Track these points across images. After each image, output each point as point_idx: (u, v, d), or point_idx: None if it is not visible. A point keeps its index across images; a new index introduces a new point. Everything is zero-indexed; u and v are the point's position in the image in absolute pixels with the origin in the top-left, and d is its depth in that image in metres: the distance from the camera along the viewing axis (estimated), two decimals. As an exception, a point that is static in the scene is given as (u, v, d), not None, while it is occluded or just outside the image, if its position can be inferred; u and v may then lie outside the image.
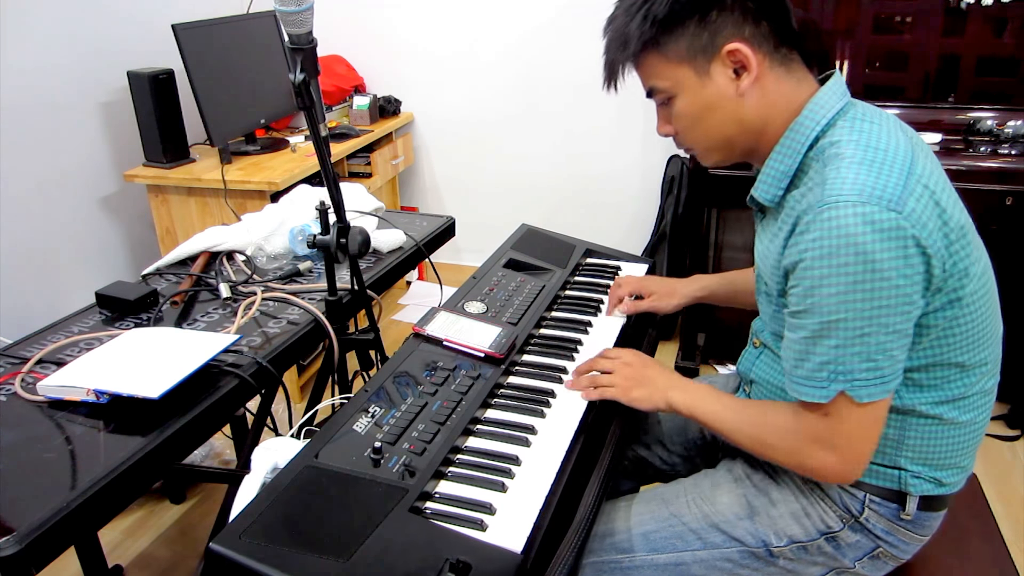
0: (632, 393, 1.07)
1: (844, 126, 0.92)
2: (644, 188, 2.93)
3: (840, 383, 0.86)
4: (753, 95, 0.93)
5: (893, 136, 0.90)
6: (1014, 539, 1.85)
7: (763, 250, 1.00)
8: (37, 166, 2.19)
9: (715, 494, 1.08)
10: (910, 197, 0.83)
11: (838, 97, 0.94)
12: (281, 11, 1.04)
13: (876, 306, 0.82)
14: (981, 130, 2.19)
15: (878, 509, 1.00)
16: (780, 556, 1.03)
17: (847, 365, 0.85)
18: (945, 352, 0.92)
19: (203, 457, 2.08)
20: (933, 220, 0.84)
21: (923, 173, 0.86)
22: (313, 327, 1.32)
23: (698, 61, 0.92)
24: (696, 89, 0.94)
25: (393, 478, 0.90)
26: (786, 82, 0.94)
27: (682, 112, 0.97)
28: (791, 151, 0.94)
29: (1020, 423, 2.29)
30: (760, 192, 0.98)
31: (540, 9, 2.81)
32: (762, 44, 0.92)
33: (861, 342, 0.84)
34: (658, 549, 1.06)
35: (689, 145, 1.02)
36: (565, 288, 1.47)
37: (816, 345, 0.86)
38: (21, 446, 0.99)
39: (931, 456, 0.97)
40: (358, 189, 1.77)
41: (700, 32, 0.91)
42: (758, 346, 1.11)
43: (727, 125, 0.96)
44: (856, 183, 0.83)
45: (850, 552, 1.03)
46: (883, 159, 0.85)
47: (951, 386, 0.94)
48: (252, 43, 2.54)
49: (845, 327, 0.84)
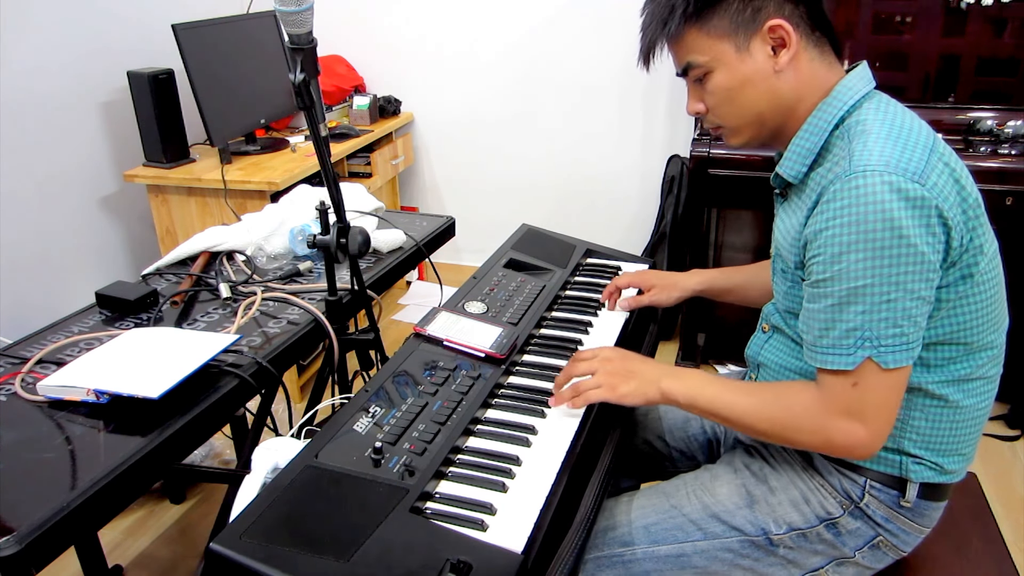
0: (620, 389, 1.02)
1: (870, 107, 0.95)
2: (644, 188, 2.93)
3: (867, 349, 0.87)
4: (789, 73, 0.96)
5: (916, 119, 0.94)
6: (1014, 539, 1.85)
7: (783, 228, 1.02)
8: (37, 166, 2.19)
9: (714, 485, 1.09)
10: (932, 171, 0.86)
11: (865, 83, 0.98)
12: (281, 11, 1.04)
13: (903, 271, 0.84)
14: (981, 130, 2.18)
15: (878, 495, 1.01)
16: (780, 544, 1.03)
17: (874, 331, 0.86)
18: (954, 329, 0.93)
19: (203, 457, 2.08)
20: (953, 196, 0.87)
21: (944, 152, 0.91)
22: (313, 327, 1.32)
23: (739, 36, 0.95)
24: (735, 64, 0.96)
25: (393, 478, 0.90)
26: (820, 64, 0.98)
27: (718, 87, 0.99)
28: (818, 129, 0.97)
29: (1020, 423, 2.29)
30: (785, 169, 1.00)
31: (540, 9, 2.81)
32: (799, 24, 0.95)
33: (888, 307, 0.86)
34: (659, 541, 1.06)
35: (720, 122, 1.03)
36: (565, 288, 1.47)
37: (843, 312, 0.88)
38: (21, 446, 0.99)
39: (934, 440, 0.98)
40: (358, 189, 1.77)
41: (744, 7, 0.94)
42: (767, 331, 1.11)
43: (761, 101, 0.98)
44: (883, 154, 0.86)
45: (850, 540, 1.03)
46: (907, 136, 0.89)
47: (957, 366, 0.96)
48: (252, 43, 2.53)
49: (872, 292, 0.85)
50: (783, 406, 0.95)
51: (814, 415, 0.92)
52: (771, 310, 1.11)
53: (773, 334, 1.10)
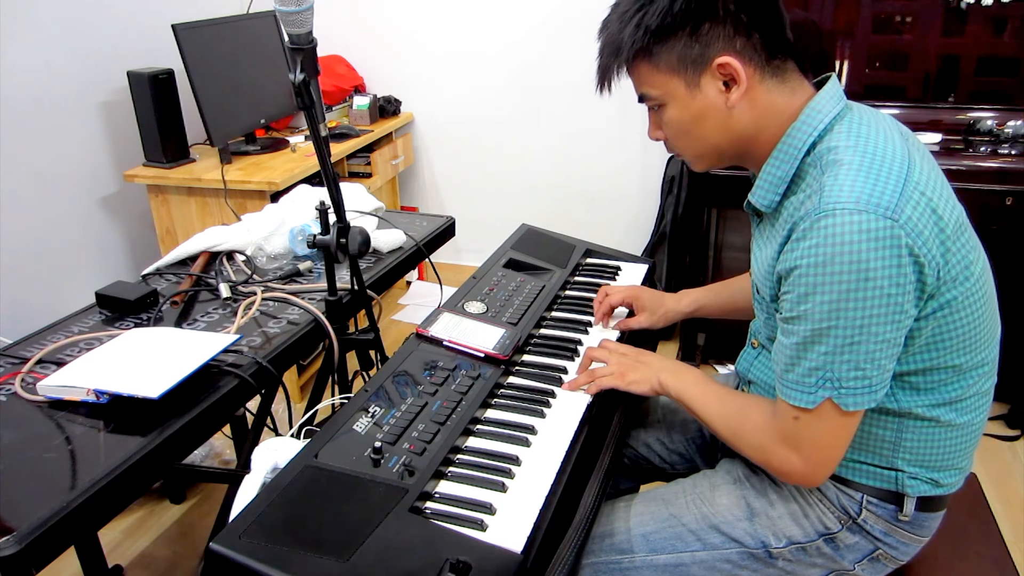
0: (628, 376, 1.09)
1: (841, 131, 0.92)
2: (644, 188, 2.93)
3: (828, 389, 0.87)
4: (743, 107, 0.93)
5: (890, 140, 0.90)
6: (1014, 539, 1.85)
7: (759, 257, 1.01)
8: (37, 166, 2.19)
9: (714, 495, 1.08)
10: (907, 204, 0.83)
11: (835, 102, 0.94)
12: (281, 11, 1.04)
13: (867, 315, 0.83)
14: (981, 130, 2.19)
15: (875, 510, 1.00)
16: (779, 557, 1.03)
17: (836, 372, 0.86)
18: (940, 356, 0.92)
19: (203, 457, 2.08)
20: (929, 228, 0.84)
21: (920, 179, 0.87)
22: (313, 327, 1.32)
23: (688, 73, 0.92)
24: (686, 100, 0.94)
25: (393, 478, 0.90)
26: (778, 93, 0.94)
27: (671, 120, 0.97)
28: (788, 157, 0.94)
29: (1020, 423, 2.29)
30: (757, 198, 0.98)
31: (540, 9, 2.81)
32: (753, 57, 0.91)
33: (850, 350, 0.85)
34: (657, 550, 1.06)
35: (678, 152, 1.03)
36: (565, 288, 1.47)
37: (807, 351, 0.87)
38: (21, 446, 0.99)
39: (928, 458, 0.97)
40: (358, 189, 1.77)
41: (691, 44, 0.91)
42: (756, 347, 1.12)
43: (716, 135, 0.96)
44: (853, 190, 0.83)
45: (849, 554, 1.03)
46: (880, 165, 0.86)
47: (948, 388, 0.94)
48: (252, 43, 2.54)
49: (835, 335, 0.84)
50: (741, 418, 0.99)
51: (760, 434, 0.96)
52: (758, 327, 1.11)
53: (761, 351, 1.10)
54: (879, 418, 0.96)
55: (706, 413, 1.03)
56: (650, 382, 1.08)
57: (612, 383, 1.09)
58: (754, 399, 1.03)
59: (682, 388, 1.05)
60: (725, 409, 1.02)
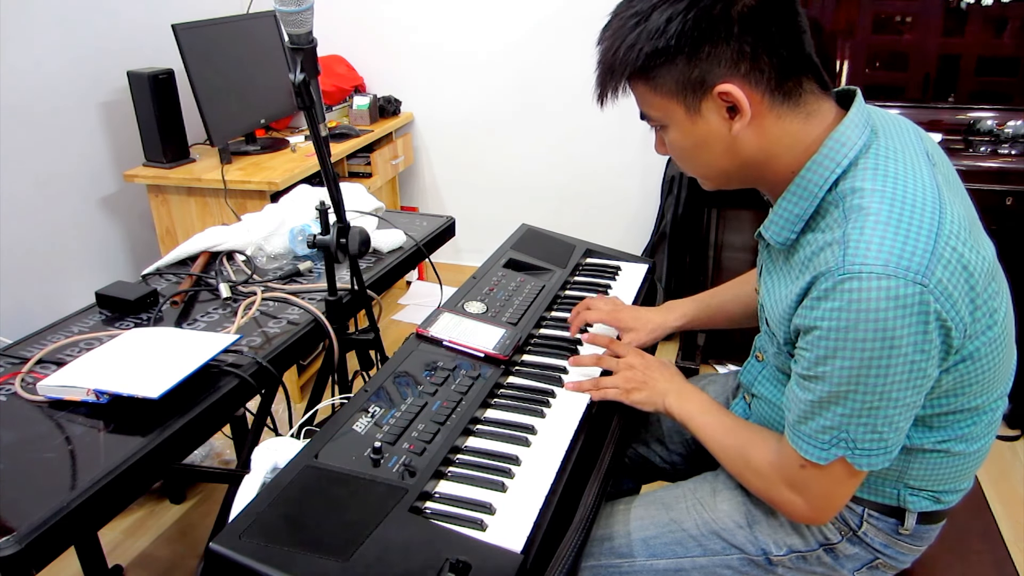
0: (633, 396, 1.10)
1: (867, 167, 0.84)
2: (644, 188, 2.93)
3: (842, 449, 0.85)
4: (749, 135, 0.85)
5: (919, 177, 0.83)
6: (1014, 539, 1.85)
7: (772, 290, 0.94)
8: (37, 166, 2.19)
9: (715, 501, 1.08)
10: (938, 265, 0.77)
11: (859, 131, 0.86)
12: (281, 11, 1.04)
13: (889, 382, 0.79)
14: (981, 130, 2.18)
15: (876, 524, 1.00)
16: (779, 565, 1.03)
17: (851, 434, 0.83)
18: (959, 400, 0.89)
19: (203, 457, 2.08)
20: (959, 288, 0.79)
21: (952, 228, 0.80)
22: (313, 327, 1.32)
23: (688, 98, 0.84)
24: (686, 125, 0.87)
25: (393, 478, 0.90)
26: (791, 119, 0.85)
27: (674, 143, 0.91)
28: (808, 194, 0.86)
29: (1020, 423, 2.29)
30: (772, 234, 0.92)
31: (540, 9, 2.81)
32: (760, 82, 0.82)
33: (869, 414, 0.82)
34: (657, 555, 1.06)
35: (685, 171, 0.97)
36: (565, 288, 1.47)
37: (824, 410, 0.84)
38: (21, 446, 0.99)
39: (934, 480, 0.97)
40: (358, 189, 1.77)
41: (690, 68, 0.82)
42: (761, 360, 1.09)
43: (722, 160, 0.89)
44: (881, 251, 0.77)
45: (848, 563, 1.03)
46: (911, 216, 0.79)
47: (961, 426, 0.93)
48: (252, 43, 2.54)
49: (855, 399, 0.81)
50: (745, 455, 0.98)
51: (765, 474, 0.95)
52: (763, 344, 1.08)
53: (767, 365, 1.07)
54: None
55: (710, 444, 1.02)
56: (654, 404, 1.08)
57: (616, 397, 1.10)
58: (759, 435, 0.99)
59: (687, 416, 1.05)
60: (729, 442, 1.00)
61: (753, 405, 1.11)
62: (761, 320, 1.03)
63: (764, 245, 0.99)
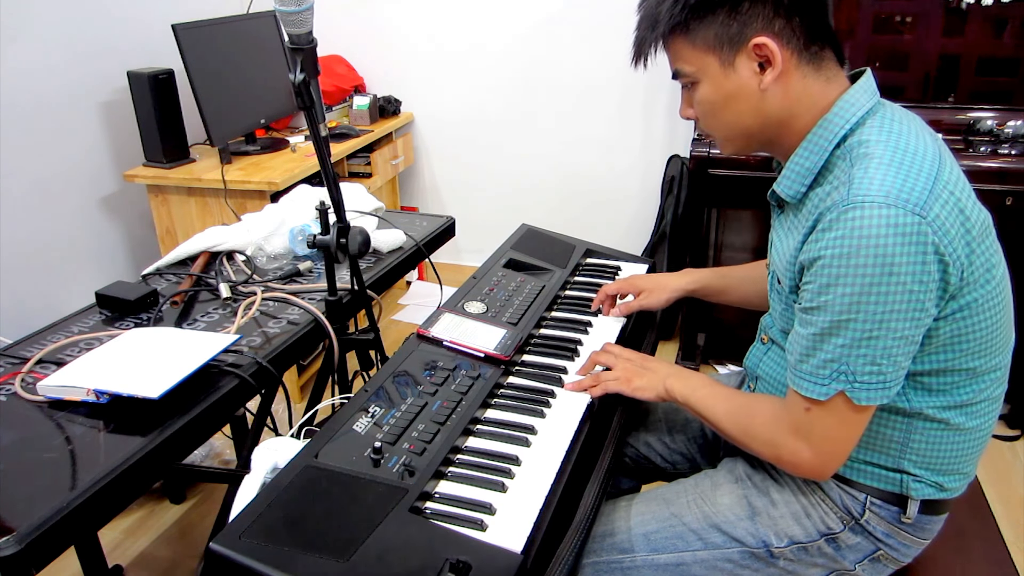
0: (634, 383, 1.10)
1: (874, 125, 0.91)
2: (644, 188, 2.93)
3: (842, 383, 0.86)
4: (776, 91, 0.92)
5: (922, 138, 0.90)
6: (1014, 539, 1.85)
7: (779, 245, 1.00)
8: (37, 166, 2.19)
9: (716, 494, 1.08)
10: (936, 202, 0.82)
11: (869, 96, 0.93)
12: (281, 11, 1.04)
13: (888, 310, 0.82)
14: (981, 130, 2.18)
15: (879, 511, 1.00)
16: (780, 557, 1.03)
17: (851, 366, 0.86)
18: (956, 358, 0.91)
19: (203, 457, 2.08)
20: (956, 227, 0.84)
21: (949, 178, 0.86)
22: (313, 327, 1.32)
23: (724, 51, 0.92)
24: (719, 78, 0.93)
25: (393, 478, 0.90)
26: (813, 80, 0.93)
27: (704, 99, 0.96)
28: (818, 148, 0.93)
29: (1020, 423, 2.29)
30: (783, 188, 0.97)
31: (540, 9, 2.81)
32: (791, 40, 0.90)
33: (868, 344, 0.84)
34: (658, 549, 1.06)
35: (708, 132, 1.02)
36: (565, 288, 1.47)
37: (823, 342, 0.87)
38: (21, 446, 0.99)
39: (935, 460, 0.97)
40: (358, 189, 1.77)
41: (729, 22, 0.90)
42: (766, 342, 1.11)
43: (747, 116, 0.95)
44: (884, 184, 0.83)
45: (850, 554, 1.03)
46: (911, 161, 0.85)
47: (960, 391, 0.94)
48: (252, 43, 2.54)
49: (854, 328, 0.84)
50: (749, 414, 0.99)
51: (770, 428, 0.96)
52: (769, 323, 1.11)
53: (771, 347, 1.10)
54: (888, 418, 0.96)
55: (713, 413, 1.03)
56: (656, 388, 1.08)
57: (617, 388, 1.10)
58: (761, 395, 1.03)
59: (688, 392, 1.05)
60: (732, 406, 1.01)
61: (757, 388, 1.12)
62: (771, 284, 1.06)
63: (775, 210, 1.05)
